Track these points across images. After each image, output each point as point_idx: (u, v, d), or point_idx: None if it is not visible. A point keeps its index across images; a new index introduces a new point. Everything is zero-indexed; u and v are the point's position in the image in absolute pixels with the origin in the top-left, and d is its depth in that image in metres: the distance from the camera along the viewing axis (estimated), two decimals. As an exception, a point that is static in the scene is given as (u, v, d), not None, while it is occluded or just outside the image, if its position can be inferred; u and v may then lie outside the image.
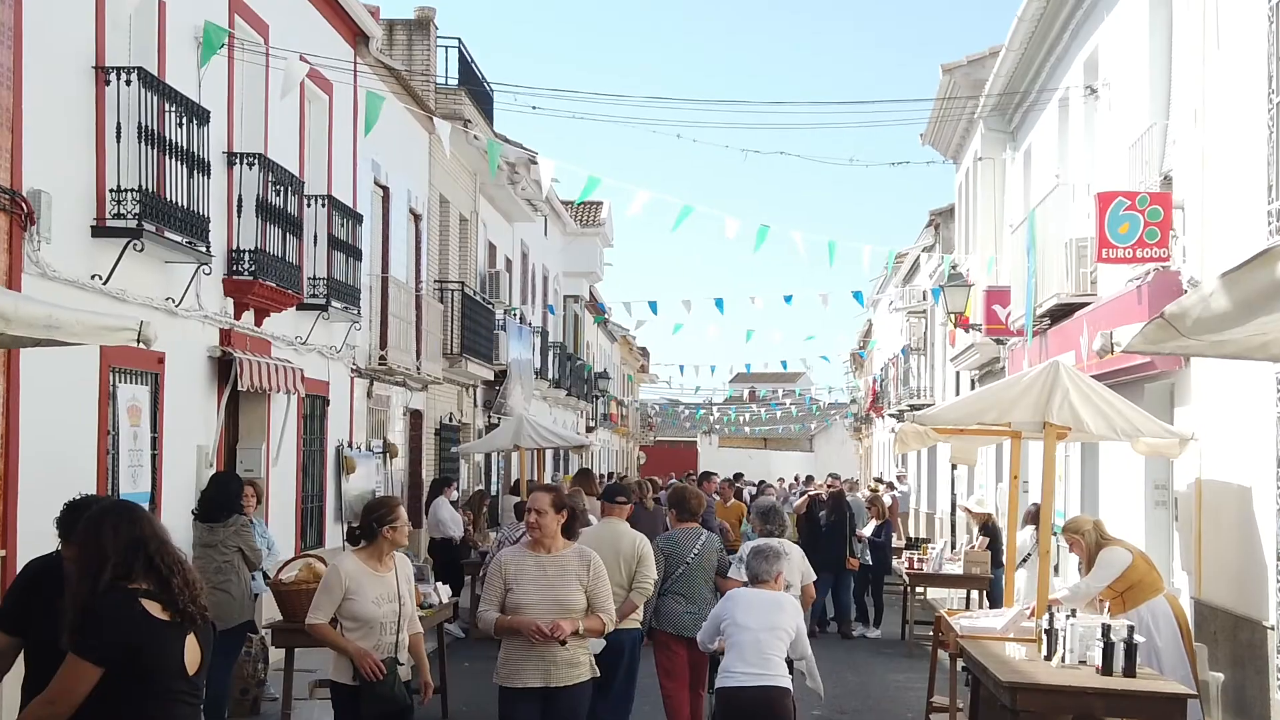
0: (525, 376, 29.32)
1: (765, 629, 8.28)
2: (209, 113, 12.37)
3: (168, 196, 11.68)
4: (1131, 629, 8.60)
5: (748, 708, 8.19)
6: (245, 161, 13.79)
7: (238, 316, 13.98)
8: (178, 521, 11.60)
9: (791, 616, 8.50)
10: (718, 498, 21.96)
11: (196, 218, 12.14)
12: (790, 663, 9.04)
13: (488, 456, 27.76)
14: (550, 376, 34.47)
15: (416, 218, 22.28)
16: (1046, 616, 9.19)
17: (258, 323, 14.54)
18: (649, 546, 9.96)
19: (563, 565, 7.62)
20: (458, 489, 21.79)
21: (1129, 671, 8.41)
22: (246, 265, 13.75)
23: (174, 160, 11.80)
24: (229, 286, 13.72)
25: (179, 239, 11.86)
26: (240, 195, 13.78)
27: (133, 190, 11.04)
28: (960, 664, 10.57)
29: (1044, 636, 9.13)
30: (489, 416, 27.72)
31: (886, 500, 22.87)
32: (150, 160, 11.38)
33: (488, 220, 28.42)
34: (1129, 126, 13.77)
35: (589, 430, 44.33)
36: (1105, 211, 12.11)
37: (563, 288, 39.80)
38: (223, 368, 13.47)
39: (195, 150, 12.13)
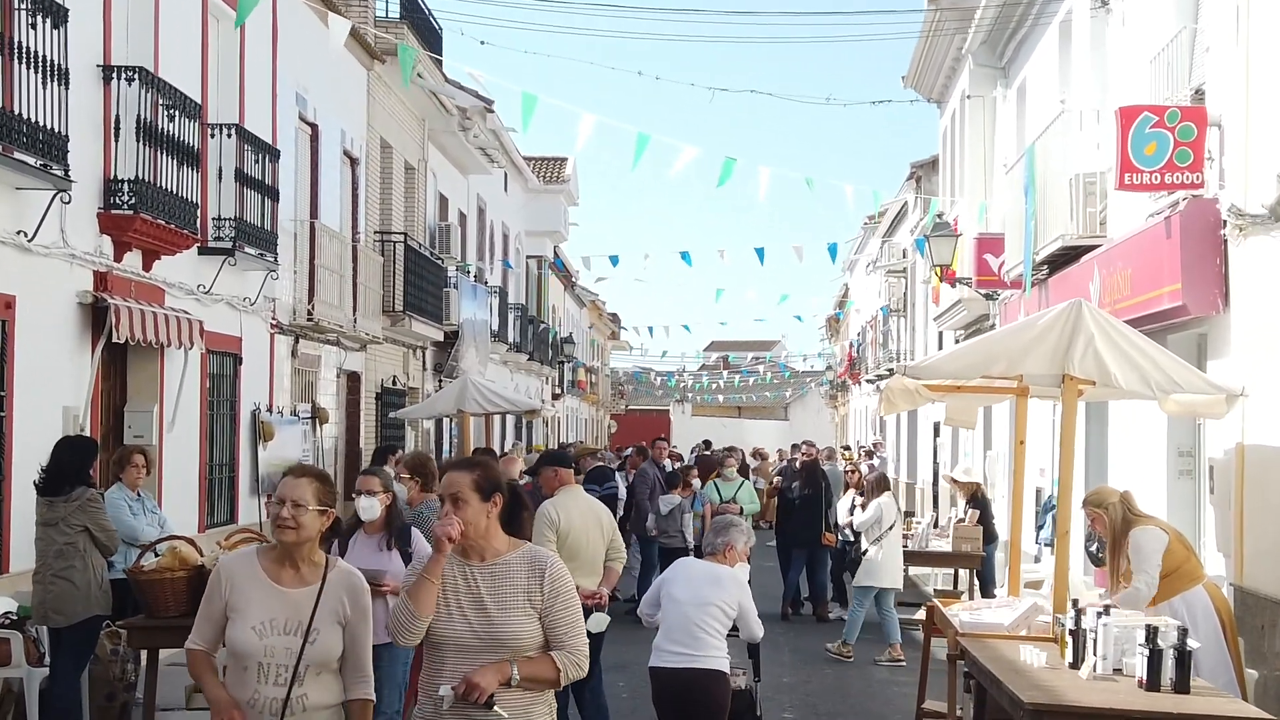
0: (480, 338, 27.40)
1: (695, 604, 7.64)
2: (68, 11, 10.41)
3: (15, 109, 9.76)
4: (1185, 631, 6.82)
5: (671, 690, 7.61)
6: (124, 76, 11.83)
7: (118, 258, 12.05)
8: (31, 497, 9.69)
9: (730, 592, 7.75)
10: (669, 463, 20.00)
11: (52, 135, 10.23)
12: (756, 648, 8.38)
13: (439, 423, 25.81)
14: (510, 340, 32.52)
15: (353, 161, 20.33)
16: (1072, 614, 7.40)
17: (146, 266, 12.61)
18: None
19: (500, 579, 4.81)
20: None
21: (1181, 686, 6.64)
22: (126, 197, 11.80)
23: (23, 66, 9.87)
24: (105, 222, 11.77)
25: (30, 160, 9.95)
26: (119, 115, 11.83)
27: (-42, 96, 9.13)
28: (961, 666, 8.75)
29: (1070, 639, 7.33)
30: (439, 380, 25.78)
31: (865, 470, 21.14)
32: (-13, 63, 9.46)
33: (438, 170, 26.45)
34: (1148, 40, 11.93)
35: (555, 398, 42.43)
36: (1129, 130, 10.28)
37: (525, 247, 37.78)
38: (97, 316, 11.54)
39: (51, 56, 10.20)
